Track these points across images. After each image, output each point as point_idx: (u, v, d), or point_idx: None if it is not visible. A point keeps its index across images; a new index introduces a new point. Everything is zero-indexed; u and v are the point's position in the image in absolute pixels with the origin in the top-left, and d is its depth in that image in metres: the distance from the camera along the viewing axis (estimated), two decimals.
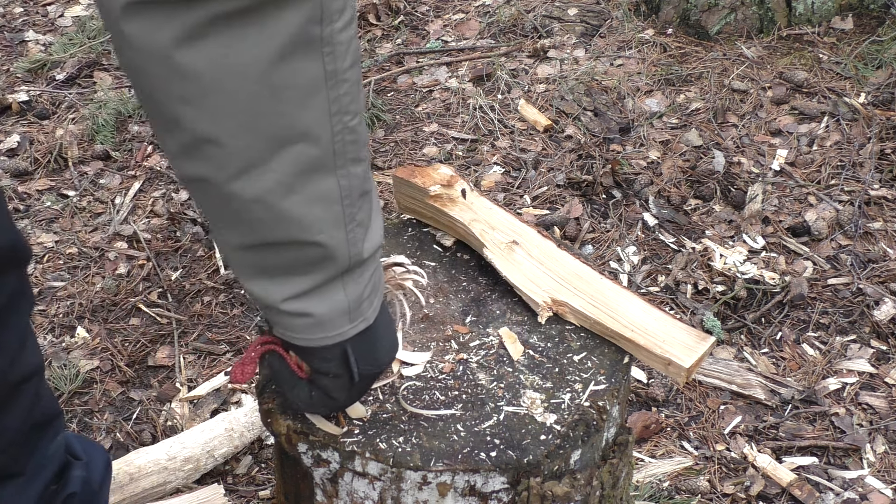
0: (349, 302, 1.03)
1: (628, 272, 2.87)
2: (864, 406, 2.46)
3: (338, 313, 1.03)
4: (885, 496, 2.23)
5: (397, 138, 3.49)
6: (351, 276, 1.02)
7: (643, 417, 2.40)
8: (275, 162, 0.89)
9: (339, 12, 0.84)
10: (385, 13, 4.26)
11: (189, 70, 0.81)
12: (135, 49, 0.80)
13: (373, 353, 1.09)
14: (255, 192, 0.90)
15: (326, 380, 1.10)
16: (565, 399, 1.27)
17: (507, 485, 1.19)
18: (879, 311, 2.69)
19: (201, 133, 0.86)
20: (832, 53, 3.78)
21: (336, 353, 1.06)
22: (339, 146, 0.92)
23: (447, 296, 1.46)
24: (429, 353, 1.34)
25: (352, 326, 1.05)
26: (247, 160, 0.88)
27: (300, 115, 0.87)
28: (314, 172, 0.91)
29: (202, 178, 0.89)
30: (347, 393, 1.12)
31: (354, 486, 1.22)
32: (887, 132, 3.34)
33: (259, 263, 0.98)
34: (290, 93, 0.85)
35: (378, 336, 1.09)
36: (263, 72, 0.83)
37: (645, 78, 3.71)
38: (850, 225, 2.98)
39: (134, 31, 0.79)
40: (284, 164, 0.89)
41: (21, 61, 4.05)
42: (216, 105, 0.84)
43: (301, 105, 0.87)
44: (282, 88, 0.84)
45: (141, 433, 2.39)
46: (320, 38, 0.84)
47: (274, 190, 0.90)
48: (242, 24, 0.79)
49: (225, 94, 0.83)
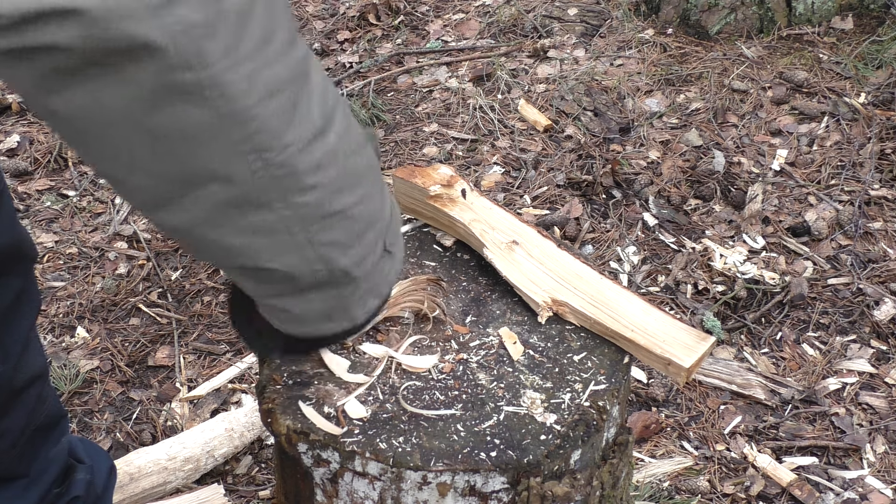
0: (328, 308, 1.02)
1: (628, 272, 2.87)
2: (864, 406, 2.46)
3: (315, 315, 1.03)
4: (885, 496, 2.23)
5: (397, 138, 3.49)
6: (327, 289, 1.01)
7: (643, 417, 2.40)
8: (188, 200, 0.86)
9: (225, 52, 0.77)
10: (385, 13, 4.26)
11: (61, 115, 0.79)
12: (17, 91, 0.80)
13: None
14: (177, 223, 0.88)
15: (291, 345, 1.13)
16: (565, 399, 1.27)
17: (507, 485, 1.19)
18: (879, 311, 2.69)
19: (99, 171, 0.86)
20: (832, 53, 3.78)
21: (312, 344, 1.09)
22: (264, 181, 0.86)
23: (447, 296, 1.46)
24: (435, 356, 1.34)
25: (334, 325, 1.05)
26: (155, 197, 0.86)
27: (198, 158, 0.83)
28: (238, 208, 0.88)
29: (131, 205, 0.88)
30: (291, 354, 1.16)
31: (354, 486, 1.22)
32: (887, 132, 3.34)
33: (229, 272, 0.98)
34: (176, 138, 0.81)
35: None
36: (137, 120, 0.79)
37: (645, 78, 3.71)
38: (850, 225, 2.98)
39: (6, 77, 0.77)
40: (200, 202, 0.86)
41: None
42: (98, 149, 0.82)
43: (195, 149, 0.82)
44: (163, 135, 0.80)
45: (141, 433, 2.39)
46: (198, 83, 0.77)
47: (197, 223, 0.88)
48: (93, 77, 0.75)
49: (103, 140, 0.81)
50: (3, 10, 0.68)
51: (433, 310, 1.38)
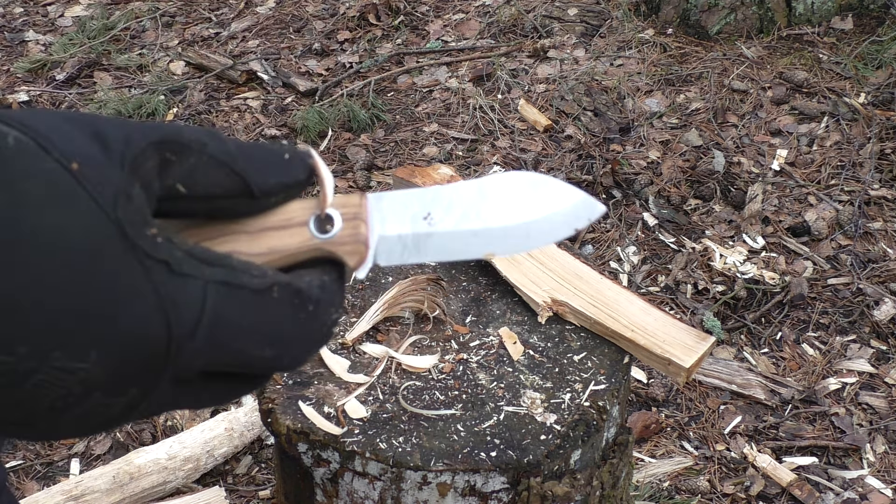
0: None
1: (628, 272, 2.87)
2: (864, 406, 2.46)
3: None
4: (885, 496, 2.23)
5: (397, 138, 3.49)
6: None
7: (643, 417, 2.40)
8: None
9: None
10: (385, 13, 4.26)
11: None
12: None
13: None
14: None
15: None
16: (565, 399, 1.27)
17: (507, 485, 1.19)
18: (879, 311, 2.69)
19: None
20: (832, 53, 3.78)
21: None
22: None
23: (447, 296, 1.46)
24: (435, 356, 1.34)
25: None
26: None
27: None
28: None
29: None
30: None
31: (354, 486, 1.22)
32: (887, 132, 3.34)
33: None
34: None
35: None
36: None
37: (645, 78, 3.71)
38: (850, 225, 2.98)
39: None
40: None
41: (21, 61, 4.05)
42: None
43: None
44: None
45: (141, 433, 2.39)
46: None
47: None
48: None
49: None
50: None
51: (433, 310, 1.38)
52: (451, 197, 0.64)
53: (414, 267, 1.50)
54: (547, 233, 0.65)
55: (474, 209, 0.64)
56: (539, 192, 0.65)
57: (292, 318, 0.56)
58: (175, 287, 0.52)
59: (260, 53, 4.09)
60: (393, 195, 0.64)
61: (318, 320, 0.58)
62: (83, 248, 0.50)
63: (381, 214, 0.62)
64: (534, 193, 0.65)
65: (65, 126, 0.53)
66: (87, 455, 2.38)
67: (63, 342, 0.50)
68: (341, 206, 0.60)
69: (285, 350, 0.57)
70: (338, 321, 0.61)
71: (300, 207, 0.60)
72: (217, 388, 0.58)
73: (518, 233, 0.65)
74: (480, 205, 0.64)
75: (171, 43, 4.22)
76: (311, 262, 0.60)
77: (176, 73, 4.00)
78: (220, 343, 0.54)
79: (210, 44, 4.21)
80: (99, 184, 0.51)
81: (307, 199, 0.61)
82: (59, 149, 0.51)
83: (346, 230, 0.60)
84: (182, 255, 0.53)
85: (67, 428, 0.55)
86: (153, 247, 0.52)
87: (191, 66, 4.03)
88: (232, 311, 0.54)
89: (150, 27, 4.33)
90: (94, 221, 0.50)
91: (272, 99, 3.81)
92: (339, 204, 0.61)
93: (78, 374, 0.51)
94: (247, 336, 0.55)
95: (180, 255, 0.53)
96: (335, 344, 1.35)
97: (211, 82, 3.91)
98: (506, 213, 0.65)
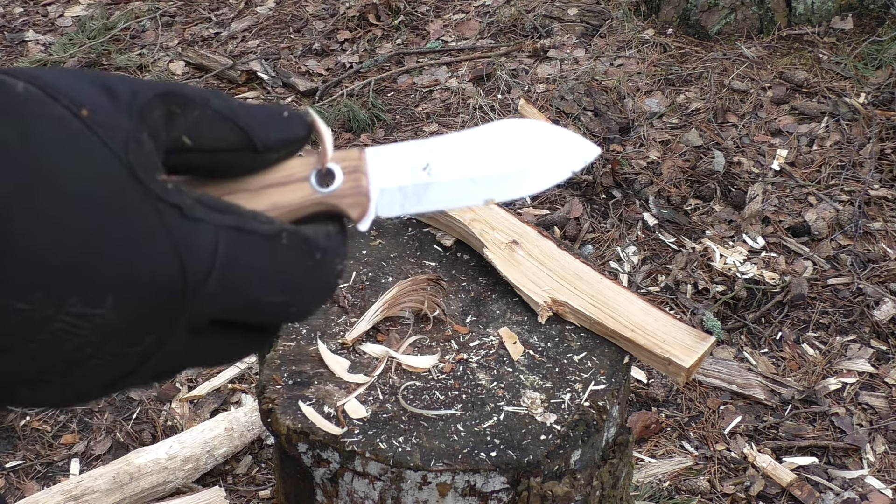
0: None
1: (628, 272, 2.87)
2: (864, 406, 2.46)
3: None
4: (885, 496, 2.23)
5: (397, 138, 3.49)
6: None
7: (643, 417, 2.40)
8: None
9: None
10: (385, 13, 4.26)
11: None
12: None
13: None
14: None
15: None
16: (565, 399, 1.27)
17: (507, 485, 1.19)
18: (879, 311, 2.69)
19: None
20: (832, 53, 3.78)
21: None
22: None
23: (447, 296, 1.46)
24: (435, 356, 1.34)
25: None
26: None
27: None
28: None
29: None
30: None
31: (354, 486, 1.22)
32: (887, 132, 3.34)
33: None
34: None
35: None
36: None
37: (645, 78, 3.71)
38: (850, 225, 2.98)
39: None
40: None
41: (21, 61, 4.05)
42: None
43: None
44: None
45: (141, 433, 2.39)
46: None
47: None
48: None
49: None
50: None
51: (433, 310, 1.38)
52: (448, 147, 0.65)
53: (414, 267, 1.50)
54: (544, 175, 0.67)
55: (472, 157, 0.65)
56: (534, 137, 0.67)
57: (301, 265, 0.57)
58: (188, 231, 0.52)
59: (260, 53, 4.09)
60: (391, 147, 0.65)
61: (326, 268, 0.59)
62: (97, 191, 0.50)
63: (380, 167, 0.63)
64: (529, 138, 0.67)
65: (72, 78, 0.53)
66: (87, 455, 2.38)
67: (79, 287, 0.50)
68: (341, 160, 0.61)
69: (295, 296, 0.58)
70: (343, 272, 0.62)
71: (301, 163, 0.61)
72: (228, 340, 0.59)
73: (516, 177, 0.66)
74: (478, 152, 0.66)
75: (171, 43, 4.22)
76: (314, 218, 0.61)
77: (176, 74, 4.00)
78: (233, 287, 0.55)
79: (210, 44, 4.21)
80: (110, 128, 0.52)
81: (307, 157, 0.62)
82: (67, 97, 0.52)
83: (347, 183, 0.61)
84: (192, 201, 0.53)
85: (81, 385, 0.54)
86: (165, 191, 0.52)
87: (191, 66, 4.03)
88: (243, 256, 0.55)
89: (150, 27, 4.33)
90: (107, 165, 0.51)
91: (272, 99, 3.81)
92: (338, 158, 0.61)
93: (94, 321, 0.51)
94: (258, 281, 0.56)
95: (191, 201, 0.53)
96: (335, 344, 1.35)
97: (211, 82, 3.91)
98: (503, 159, 0.66)
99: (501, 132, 0.67)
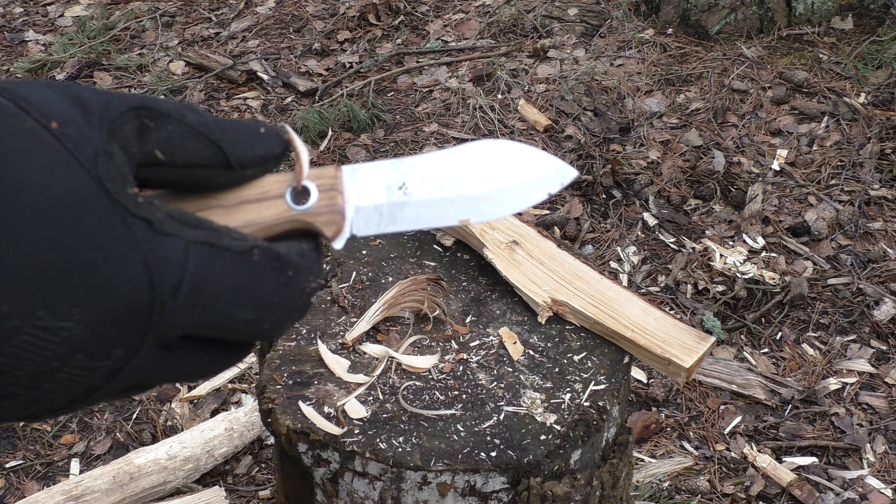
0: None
1: (628, 272, 2.87)
2: (864, 406, 2.46)
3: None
4: (885, 496, 2.23)
5: (397, 138, 3.49)
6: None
7: (643, 417, 2.40)
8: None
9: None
10: (385, 13, 4.26)
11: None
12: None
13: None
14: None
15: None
16: (565, 399, 1.27)
17: (507, 485, 1.19)
18: (879, 311, 2.69)
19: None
20: (832, 53, 3.78)
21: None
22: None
23: (447, 296, 1.46)
24: (435, 356, 1.34)
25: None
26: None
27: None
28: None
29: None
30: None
31: (354, 486, 1.22)
32: (887, 132, 3.34)
33: None
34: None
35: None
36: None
37: (645, 78, 3.71)
38: (850, 225, 2.98)
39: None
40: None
41: (21, 61, 4.05)
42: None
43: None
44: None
45: (141, 433, 2.39)
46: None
47: None
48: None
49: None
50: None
51: (433, 310, 1.38)
52: (425, 166, 0.64)
53: (414, 267, 1.50)
54: (520, 197, 0.66)
55: (448, 177, 0.64)
56: (511, 159, 0.66)
57: (273, 282, 0.57)
58: (158, 245, 0.52)
59: (260, 53, 4.09)
60: (367, 166, 0.64)
61: (298, 286, 0.58)
62: (65, 204, 0.50)
63: (356, 185, 0.63)
64: (506, 160, 0.66)
65: (45, 91, 0.53)
66: (87, 455, 2.38)
67: (46, 300, 0.49)
68: (317, 178, 0.61)
69: (266, 314, 0.57)
70: (316, 291, 0.60)
71: (276, 180, 0.60)
72: (200, 356, 0.58)
73: (492, 198, 0.65)
74: (454, 172, 0.65)
75: (171, 43, 4.22)
76: (289, 236, 0.60)
77: (176, 73, 4.00)
78: (203, 303, 0.54)
79: (210, 44, 4.21)
80: (79, 142, 0.51)
81: (283, 173, 0.61)
82: (38, 110, 0.51)
83: (322, 201, 0.60)
84: (163, 215, 0.53)
85: (49, 399, 0.54)
86: (135, 205, 0.52)
87: (191, 66, 4.03)
88: (214, 272, 0.54)
89: (150, 27, 4.33)
90: (76, 178, 0.50)
91: (272, 99, 3.81)
92: (314, 176, 0.61)
93: (61, 334, 0.50)
94: (228, 297, 0.55)
95: (161, 215, 0.53)
96: (335, 344, 1.35)
97: (211, 82, 3.91)
98: (479, 180, 0.65)
99: (479, 153, 0.66)
